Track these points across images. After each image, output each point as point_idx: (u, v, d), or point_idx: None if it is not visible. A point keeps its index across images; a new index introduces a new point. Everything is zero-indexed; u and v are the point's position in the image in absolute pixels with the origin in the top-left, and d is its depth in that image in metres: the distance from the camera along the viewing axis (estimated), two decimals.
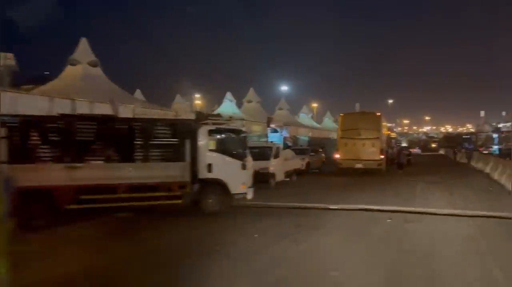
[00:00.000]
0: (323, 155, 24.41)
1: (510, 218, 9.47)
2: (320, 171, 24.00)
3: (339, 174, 21.59)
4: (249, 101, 33.04)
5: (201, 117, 11.18)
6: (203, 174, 9.82)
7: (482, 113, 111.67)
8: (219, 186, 9.94)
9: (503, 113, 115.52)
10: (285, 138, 29.55)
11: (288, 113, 39.73)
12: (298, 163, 18.40)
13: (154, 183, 9.29)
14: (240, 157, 10.32)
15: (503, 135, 74.62)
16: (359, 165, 21.13)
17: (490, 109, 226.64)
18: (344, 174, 21.56)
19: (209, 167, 9.81)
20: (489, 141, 77.05)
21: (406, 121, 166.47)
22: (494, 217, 9.69)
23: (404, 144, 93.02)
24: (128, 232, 8.62)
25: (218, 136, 10.32)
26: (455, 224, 9.17)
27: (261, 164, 15.39)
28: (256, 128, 25.98)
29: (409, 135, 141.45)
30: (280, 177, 16.15)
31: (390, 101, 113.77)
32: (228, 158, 10.16)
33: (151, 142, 9.61)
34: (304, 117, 43.48)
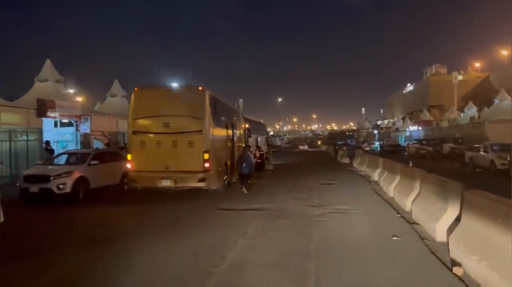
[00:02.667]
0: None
1: None
2: (127, 187, 13.52)
3: (134, 201, 11.58)
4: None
5: None
6: None
7: (363, 110, 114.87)
8: None
9: (381, 111, 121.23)
10: (86, 136, 18.51)
11: (125, 100, 28.53)
12: None
13: None
14: None
15: (382, 131, 74.35)
16: (166, 183, 11.30)
17: (370, 106, 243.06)
18: (142, 200, 11.63)
19: None
20: (370, 137, 76.88)
21: (295, 119, 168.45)
22: None
23: (285, 141, 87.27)
24: None
25: None
26: None
27: None
28: (10, 118, 14.48)
29: (297, 133, 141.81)
30: None
31: (280, 99, 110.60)
32: None
33: None
34: None
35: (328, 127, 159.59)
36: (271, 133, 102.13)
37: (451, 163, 26.19)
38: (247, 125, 20.95)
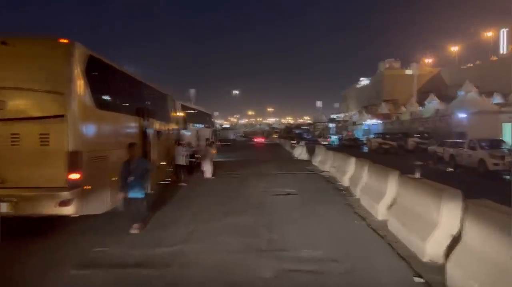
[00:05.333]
0: None
1: None
2: None
3: None
4: None
5: None
6: None
7: (319, 103, 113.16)
8: None
9: (337, 105, 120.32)
10: None
11: None
12: None
13: None
14: None
15: (339, 125, 72.09)
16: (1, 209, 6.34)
17: (325, 100, 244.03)
18: None
19: None
20: (326, 131, 74.47)
21: (251, 113, 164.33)
22: None
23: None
24: None
25: None
26: None
27: None
28: None
29: (254, 126, 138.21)
30: None
31: (236, 91, 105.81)
32: None
33: None
34: None
35: (284, 120, 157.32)
36: (227, 125, 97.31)
37: (424, 160, 23.00)
38: (181, 114, 16.19)
